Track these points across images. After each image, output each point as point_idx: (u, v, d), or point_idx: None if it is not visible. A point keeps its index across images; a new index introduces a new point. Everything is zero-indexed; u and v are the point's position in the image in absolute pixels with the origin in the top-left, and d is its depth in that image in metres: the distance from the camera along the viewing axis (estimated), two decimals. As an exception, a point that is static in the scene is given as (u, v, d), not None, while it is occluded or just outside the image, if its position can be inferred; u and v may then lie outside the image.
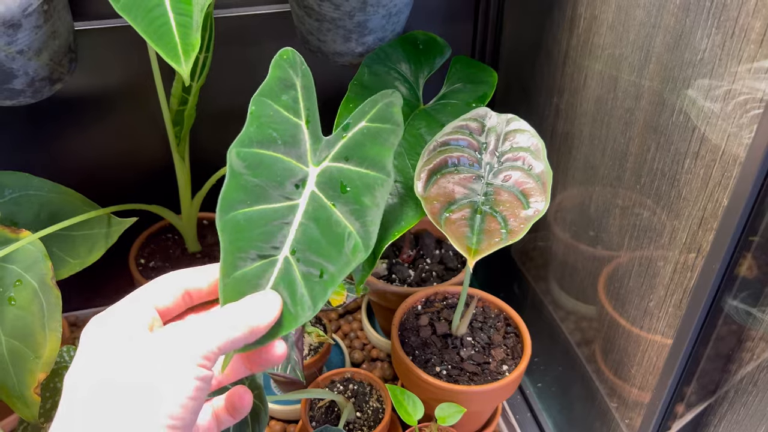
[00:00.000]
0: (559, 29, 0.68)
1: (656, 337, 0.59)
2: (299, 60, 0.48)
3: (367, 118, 0.49)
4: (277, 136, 0.45)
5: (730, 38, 0.45)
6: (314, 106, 0.48)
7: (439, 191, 0.55)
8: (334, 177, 0.46)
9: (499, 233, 0.52)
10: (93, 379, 0.33)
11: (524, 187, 0.54)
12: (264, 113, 0.45)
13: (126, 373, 0.33)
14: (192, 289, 0.39)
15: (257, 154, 0.44)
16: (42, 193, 0.68)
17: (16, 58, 0.57)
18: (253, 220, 0.42)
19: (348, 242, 0.44)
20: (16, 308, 0.56)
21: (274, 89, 0.46)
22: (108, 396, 0.32)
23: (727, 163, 0.46)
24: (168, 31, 0.49)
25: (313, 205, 0.45)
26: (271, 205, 0.43)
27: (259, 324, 0.37)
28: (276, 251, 0.42)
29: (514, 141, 0.57)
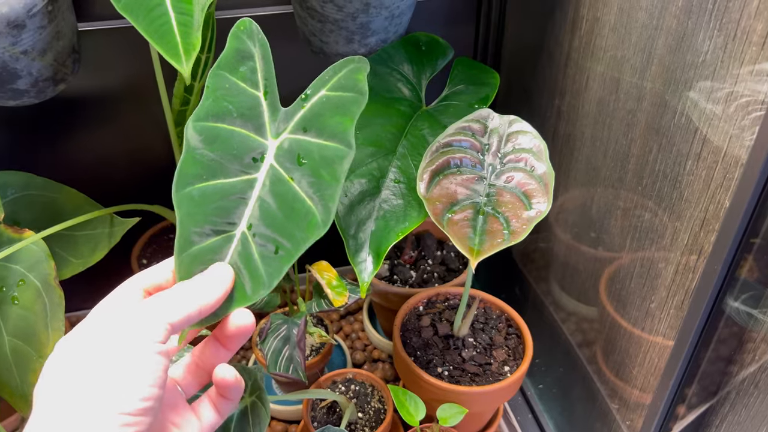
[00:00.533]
0: (561, 31, 0.68)
1: (657, 338, 0.59)
2: (256, 29, 0.46)
3: (328, 87, 0.47)
4: (233, 108, 0.44)
5: (732, 40, 0.45)
6: (272, 77, 0.46)
7: (441, 192, 0.55)
8: (293, 150, 0.44)
9: (502, 234, 0.53)
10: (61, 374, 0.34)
11: (526, 188, 0.54)
12: (220, 86, 0.44)
13: (87, 363, 0.34)
14: (149, 286, 0.40)
15: (213, 127, 0.43)
16: (45, 193, 0.69)
17: (20, 59, 0.58)
18: (208, 195, 0.41)
19: (306, 218, 0.42)
20: (20, 308, 0.56)
21: (231, 61, 0.45)
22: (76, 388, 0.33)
23: (728, 164, 0.46)
24: (169, 31, 0.49)
25: (272, 179, 0.43)
26: (228, 179, 0.42)
27: (209, 299, 0.38)
28: (232, 227, 0.41)
29: (516, 142, 0.57)
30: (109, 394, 0.33)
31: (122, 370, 0.34)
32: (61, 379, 0.34)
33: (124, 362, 0.34)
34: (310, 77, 0.82)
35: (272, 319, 0.67)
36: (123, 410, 0.33)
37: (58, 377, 0.34)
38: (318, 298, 0.66)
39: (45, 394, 0.34)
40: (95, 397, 0.33)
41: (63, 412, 0.32)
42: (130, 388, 0.33)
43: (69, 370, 0.34)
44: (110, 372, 0.33)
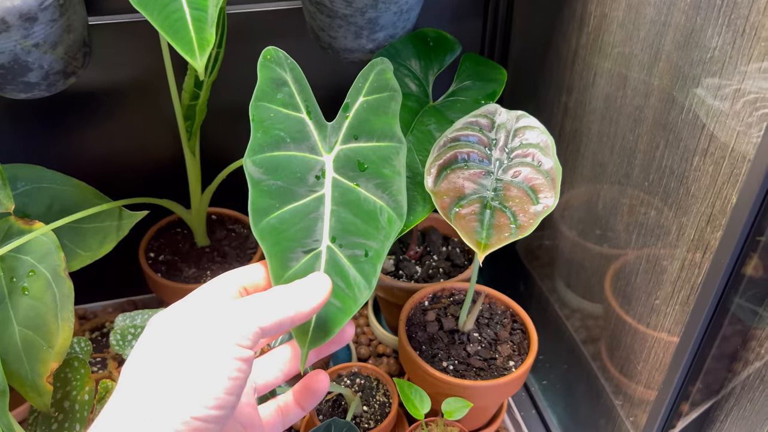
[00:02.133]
0: (569, 27, 0.68)
1: (662, 334, 0.59)
2: (283, 56, 0.48)
3: (364, 93, 0.49)
4: (284, 135, 0.46)
5: (740, 36, 0.45)
6: (311, 96, 0.48)
7: (449, 186, 0.56)
8: (350, 158, 0.47)
9: (509, 228, 0.53)
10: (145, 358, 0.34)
11: (534, 183, 0.55)
12: (265, 116, 0.46)
13: (170, 355, 0.33)
14: (248, 285, 0.39)
15: (271, 157, 0.45)
16: (54, 186, 0.69)
17: (32, 52, 0.58)
18: (286, 221, 0.44)
19: (382, 216, 0.45)
20: (30, 298, 0.57)
21: (268, 91, 0.47)
22: (153, 376, 0.33)
23: (736, 160, 0.47)
24: (184, 26, 0.49)
25: (338, 190, 0.45)
26: (298, 202, 0.44)
27: (306, 306, 0.36)
28: (317, 243, 0.43)
29: (523, 137, 0.57)
30: (183, 395, 0.32)
31: (201, 371, 0.33)
32: (144, 365, 0.33)
33: (204, 363, 0.33)
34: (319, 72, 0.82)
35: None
36: (194, 414, 0.32)
37: (143, 362, 0.34)
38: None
39: (128, 376, 0.33)
40: (170, 395, 0.32)
41: (137, 404, 0.32)
42: (205, 393, 0.32)
43: (153, 356, 0.33)
44: (190, 371, 0.33)
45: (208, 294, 0.38)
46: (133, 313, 0.69)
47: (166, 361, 0.33)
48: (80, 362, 0.62)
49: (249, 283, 0.40)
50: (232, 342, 0.33)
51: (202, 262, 0.82)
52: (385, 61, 0.51)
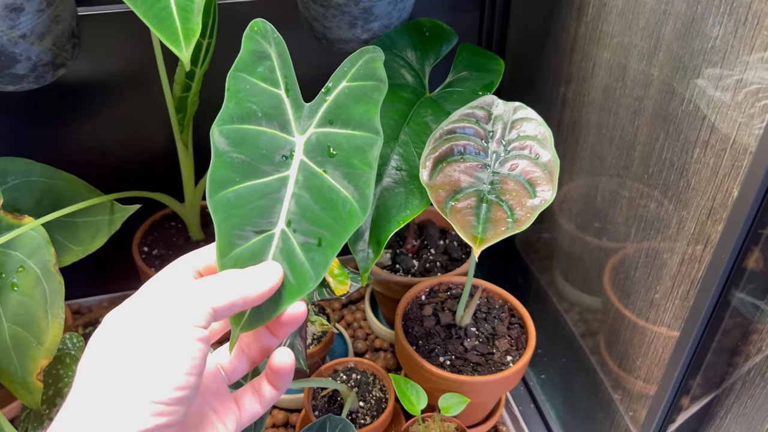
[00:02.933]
0: (567, 17, 0.67)
1: (662, 329, 0.58)
2: (270, 29, 0.46)
3: (348, 78, 0.47)
4: (257, 108, 0.44)
5: (742, 25, 0.44)
6: (292, 74, 0.46)
7: (444, 179, 0.55)
8: (321, 142, 0.45)
9: (505, 222, 0.52)
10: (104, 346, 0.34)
11: (531, 176, 0.54)
12: (241, 88, 0.44)
13: (127, 344, 0.33)
14: (202, 267, 0.39)
15: (239, 129, 0.43)
16: (45, 180, 0.68)
17: (19, 43, 0.57)
18: (243, 197, 0.41)
19: (343, 207, 0.43)
20: (19, 294, 0.56)
21: (249, 62, 0.45)
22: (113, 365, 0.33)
23: (737, 152, 0.46)
24: (169, 16, 0.48)
25: (304, 173, 0.44)
26: (261, 179, 0.42)
27: (254, 291, 0.37)
28: (271, 225, 0.41)
29: (521, 129, 0.56)
30: (143, 381, 0.32)
31: (159, 355, 0.33)
32: (101, 359, 0.33)
33: (161, 347, 0.33)
34: (313, 63, 0.81)
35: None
36: (156, 399, 0.32)
37: (98, 356, 0.33)
38: (319, 286, 0.65)
39: (84, 372, 0.33)
40: (130, 383, 0.32)
41: (97, 396, 0.32)
42: (165, 376, 0.33)
43: (109, 349, 0.33)
44: (147, 356, 0.33)
45: (162, 282, 0.37)
46: (126, 309, 0.68)
47: (123, 351, 0.33)
48: (72, 358, 0.61)
49: (203, 265, 0.39)
50: (189, 323, 0.34)
51: (197, 257, 0.81)
52: (377, 50, 0.49)
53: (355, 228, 0.42)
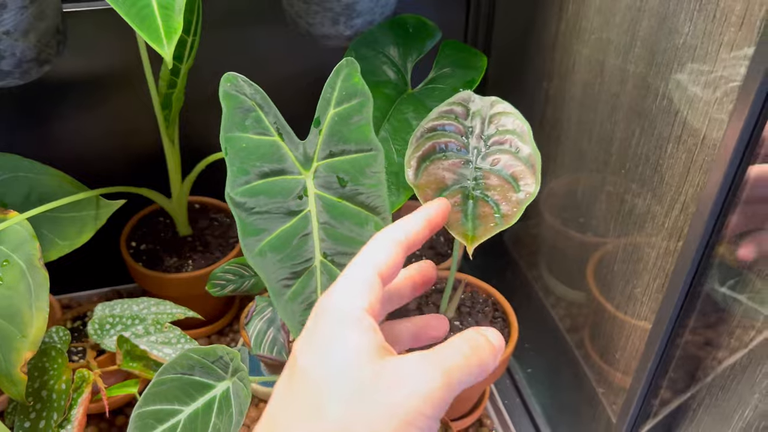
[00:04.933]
0: (549, 13, 0.67)
1: (640, 322, 0.59)
2: (242, 80, 0.48)
3: (333, 104, 0.49)
4: (258, 163, 0.47)
5: (711, 21, 0.44)
6: (279, 117, 0.48)
7: (429, 179, 0.55)
8: (329, 174, 0.48)
9: (493, 218, 0.52)
10: (308, 366, 0.33)
11: (513, 171, 0.53)
12: (237, 147, 0.47)
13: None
14: (409, 239, 0.38)
15: (251, 188, 0.46)
16: (31, 175, 0.69)
17: (3, 39, 0.57)
18: (277, 247, 0.46)
19: (368, 225, 0.47)
20: (3, 288, 0.56)
21: (235, 119, 0.47)
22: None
23: (708, 147, 0.46)
24: (150, 14, 0.49)
25: (322, 206, 0.47)
26: (286, 225, 0.46)
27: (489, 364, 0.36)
28: (309, 262, 0.47)
29: (499, 124, 0.56)
30: None
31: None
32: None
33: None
34: (299, 59, 0.82)
35: (257, 301, 0.67)
36: None
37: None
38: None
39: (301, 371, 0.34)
40: None
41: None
42: None
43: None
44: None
45: (374, 260, 0.37)
46: (113, 303, 0.69)
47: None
48: (57, 352, 0.62)
49: (404, 237, 0.38)
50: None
51: (184, 252, 0.82)
52: (351, 62, 0.50)
53: None
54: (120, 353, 0.62)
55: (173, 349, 0.64)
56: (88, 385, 0.60)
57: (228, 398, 0.54)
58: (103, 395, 0.61)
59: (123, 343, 0.62)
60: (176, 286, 0.78)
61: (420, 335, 0.44)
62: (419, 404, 0.31)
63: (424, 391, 0.32)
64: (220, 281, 0.68)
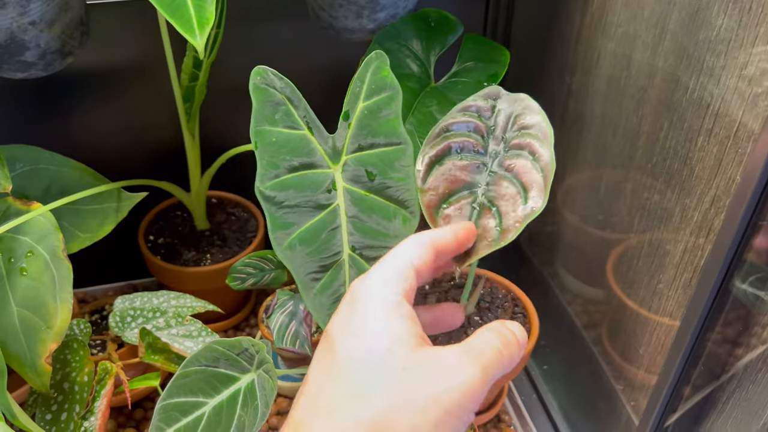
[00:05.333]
0: (572, 7, 0.67)
1: (665, 318, 0.59)
2: (272, 73, 0.48)
3: (362, 97, 0.49)
4: (288, 157, 0.47)
5: (746, 14, 0.44)
6: (309, 111, 0.48)
7: (437, 182, 0.49)
8: (358, 167, 0.48)
9: (492, 232, 0.47)
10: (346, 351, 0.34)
11: (526, 178, 0.49)
12: (267, 141, 0.47)
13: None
14: (440, 246, 0.39)
15: (281, 182, 0.47)
16: (53, 167, 0.69)
17: (28, 30, 0.57)
18: (306, 241, 0.46)
19: (396, 219, 0.47)
20: (28, 279, 0.56)
21: (265, 113, 0.47)
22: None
23: (740, 140, 0.46)
24: (183, 4, 0.49)
25: (351, 200, 0.47)
26: (315, 218, 0.47)
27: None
28: (338, 256, 0.47)
29: (522, 124, 0.52)
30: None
31: None
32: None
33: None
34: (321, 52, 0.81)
35: (279, 295, 0.67)
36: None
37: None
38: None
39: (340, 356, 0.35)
40: None
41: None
42: None
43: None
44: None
45: (410, 255, 0.37)
46: (132, 296, 0.69)
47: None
48: (79, 344, 0.62)
49: (439, 243, 0.40)
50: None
51: (202, 246, 0.81)
52: (380, 55, 0.50)
53: (411, 233, 0.47)
54: (142, 345, 0.62)
55: (194, 342, 0.64)
56: (111, 377, 0.60)
57: (253, 390, 0.53)
58: (126, 387, 0.61)
59: (145, 336, 0.62)
60: (195, 280, 0.78)
61: (437, 324, 0.46)
62: (460, 397, 0.32)
63: (465, 385, 0.32)
64: (240, 275, 0.68)
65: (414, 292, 0.36)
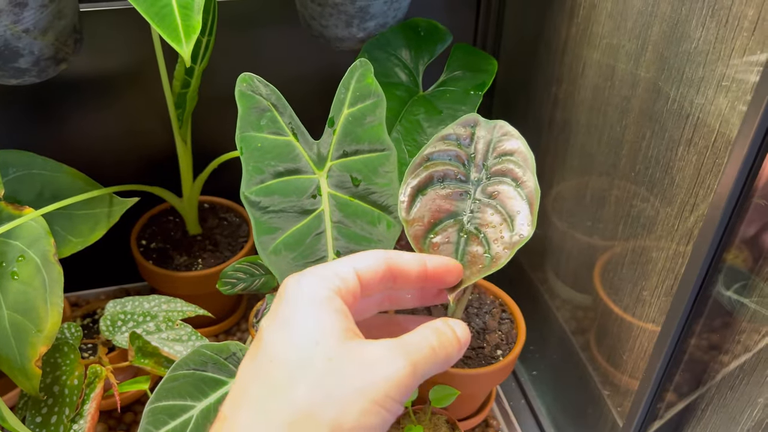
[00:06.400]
0: (559, 18, 0.68)
1: (648, 324, 0.60)
2: (257, 80, 0.49)
3: (347, 104, 0.49)
4: (273, 162, 0.47)
5: (723, 26, 0.45)
6: (294, 117, 0.49)
7: (422, 212, 0.47)
8: (343, 173, 0.49)
9: (483, 259, 0.46)
10: (278, 344, 0.33)
11: (510, 206, 0.47)
12: (252, 147, 0.47)
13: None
14: (396, 267, 0.37)
15: (265, 188, 0.47)
16: (45, 172, 0.69)
17: (22, 37, 0.58)
18: (291, 246, 0.47)
19: (380, 224, 0.48)
20: (19, 283, 0.57)
21: (250, 119, 0.48)
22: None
23: (718, 150, 0.47)
24: (170, 13, 0.50)
25: (336, 205, 0.48)
26: (300, 223, 0.47)
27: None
28: (322, 261, 0.47)
29: (502, 150, 0.50)
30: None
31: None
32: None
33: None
34: (311, 60, 0.82)
35: (268, 300, 0.68)
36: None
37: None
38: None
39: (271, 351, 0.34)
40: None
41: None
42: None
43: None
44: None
45: (355, 259, 0.36)
46: (124, 300, 0.69)
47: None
48: (70, 347, 0.63)
49: (399, 265, 0.38)
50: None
51: (194, 251, 0.82)
52: (365, 63, 0.50)
53: (395, 237, 0.48)
54: (132, 349, 0.62)
55: (184, 346, 0.65)
56: (101, 380, 0.61)
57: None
58: (116, 391, 0.61)
59: (135, 340, 0.62)
60: (186, 284, 0.79)
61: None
62: (387, 387, 0.32)
63: (391, 377, 0.32)
64: (231, 279, 0.68)
65: (354, 295, 0.35)
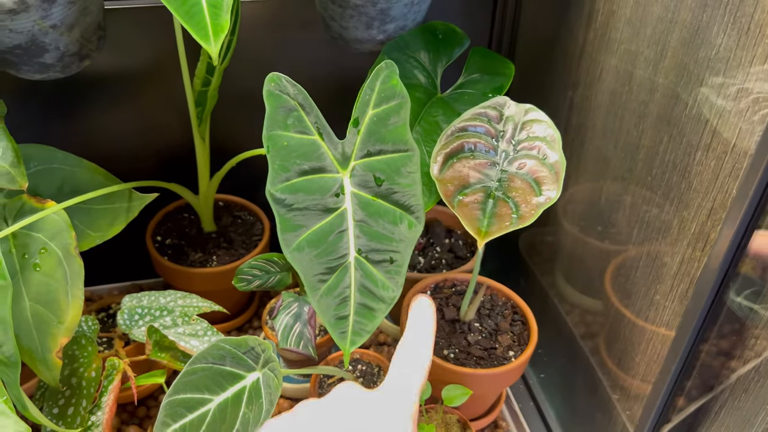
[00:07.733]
0: (577, 23, 0.69)
1: (661, 328, 0.60)
2: (285, 80, 0.50)
3: (372, 105, 0.51)
4: (299, 161, 0.49)
5: (745, 34, 0.46)
6: (320, 117, 0.50)
7: (454, 174, 0.57)
8: (366, 172, 0.50)
9: (510, 218, 0.54)
10: None
11: (538, 175, 0.56)
12: (279, 145, 0.49)
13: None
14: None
15: (291, 185, 0.48)
16: (66, 167, 0.70)
17: (49, 33, 0.59)
18: (314, 243, 0.48)
19: (402, 224, 0.49)
20: (41, 274, 0.58)
21: (278, 118, 0.49)
22: None
23: (737, 155, 0.48)
24: (199, 11, 0.50)
25: (358, 204, 0.49)
26: (322, 222, 0.48)
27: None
28: (344, 258, 0.48)
29: (530, 130, 0.58)
30: None
31: None
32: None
33: None
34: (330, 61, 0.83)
35: (283, 296, 0.68)
36: None
37: None
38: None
39: None
40: None
41: None
42: None
43: None
44: None
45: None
46: (140, 295, 0.70)
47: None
48: (87, 340, 0.63)
49: None
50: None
51: (208, 248, 0.83)
52: (390, 65, 0.52)
53: (416, 236, 0.49)
54: (149, 343, 0.63)
55: (200, 341, 0.65)
56: (119, 373, 0.61)
57: (258, 389, 0.55)
58: (132, 384, 0.62)
59: (153, 333, 0.63)
60: (201, 280, 0.79)
61: None
62: None
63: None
64: (246, 276, 0.69)
65: None
